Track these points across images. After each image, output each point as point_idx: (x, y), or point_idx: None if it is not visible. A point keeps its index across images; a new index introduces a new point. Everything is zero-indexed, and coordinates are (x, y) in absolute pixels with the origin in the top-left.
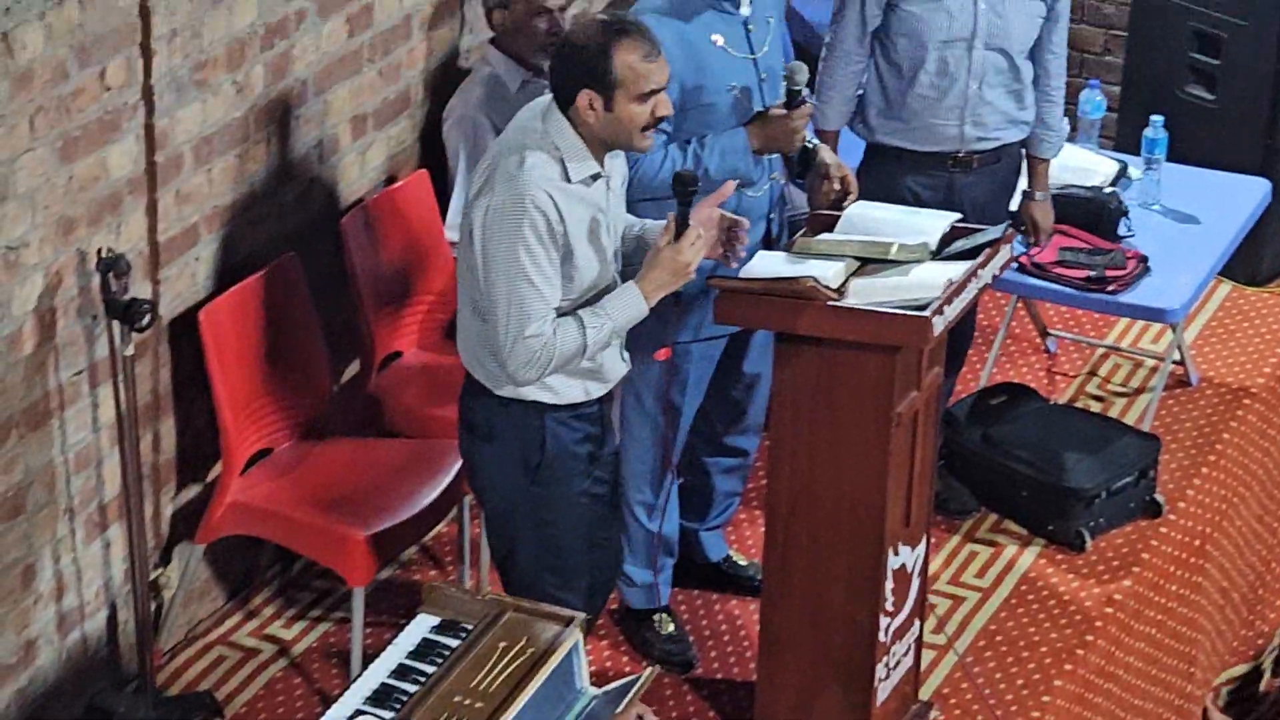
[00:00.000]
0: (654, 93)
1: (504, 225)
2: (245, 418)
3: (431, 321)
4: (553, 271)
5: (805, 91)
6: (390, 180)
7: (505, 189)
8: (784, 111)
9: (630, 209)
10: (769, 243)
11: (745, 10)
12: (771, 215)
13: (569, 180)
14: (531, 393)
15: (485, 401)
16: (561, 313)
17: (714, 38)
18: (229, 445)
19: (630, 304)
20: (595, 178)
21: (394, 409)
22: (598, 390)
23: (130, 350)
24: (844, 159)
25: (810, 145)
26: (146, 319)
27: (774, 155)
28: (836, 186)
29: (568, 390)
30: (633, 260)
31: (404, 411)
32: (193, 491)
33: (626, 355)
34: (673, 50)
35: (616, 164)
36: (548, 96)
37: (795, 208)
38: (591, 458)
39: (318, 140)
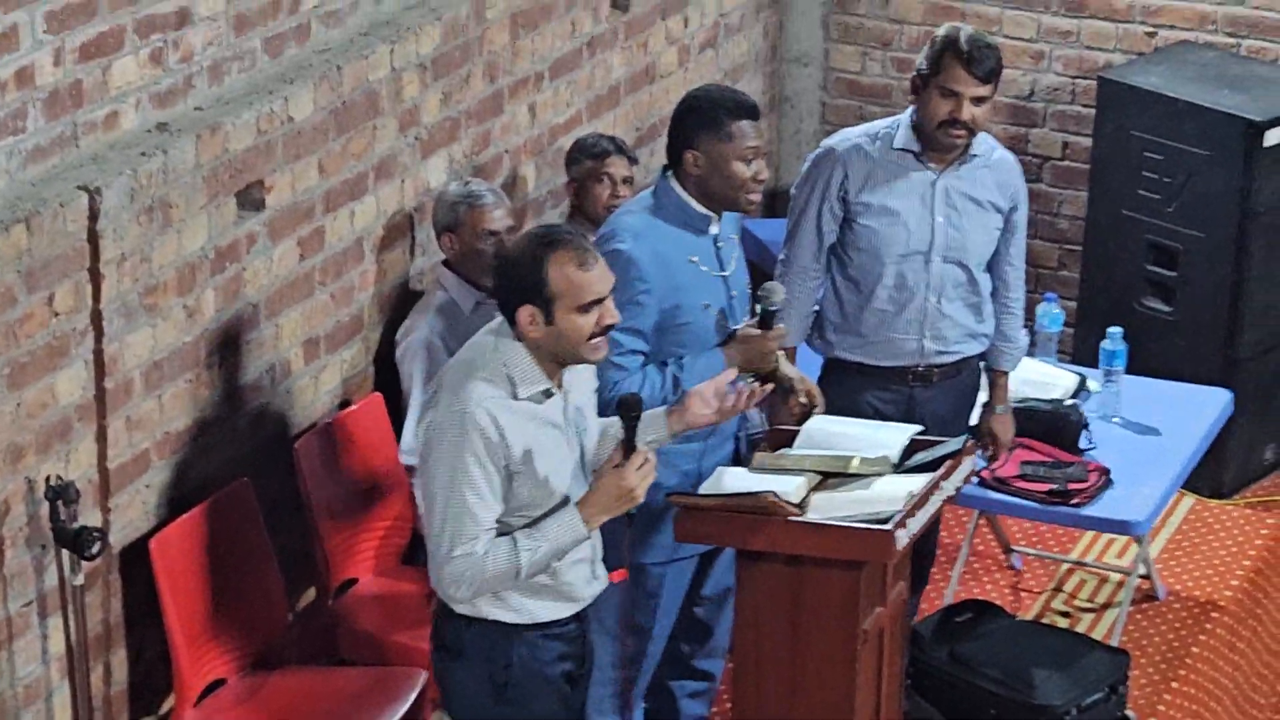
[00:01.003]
0: (596, 302)
1: (444, 443)
2: (198, 648)
3: (388, 547)
4: (489, 491)
5: (780, 311)
6: (344, 404)
7: (447, 406)
8: (758, 331)
9: None
10: (737, 461)
11: (715, 229)
12: (739, 434)
13: (516, 398)
14: (495, 612)
15: (454, 620)
16: (513, 529)
17: (691, 257)
18: (182, 676)
19: (569, 527)
20: (547, 394)
21: (350, 636)
22: (568, 609)
23: (80, 580)
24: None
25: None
26: (96, 548)
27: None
28: (803, 400)
29: (533, 610)
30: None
31: (361, 639)
32: None
33: (602, 572)
34: (652, 271)
35: (579, 377)
36: None
37: (754, 426)
38: (569, 678)
39: (270, 364)
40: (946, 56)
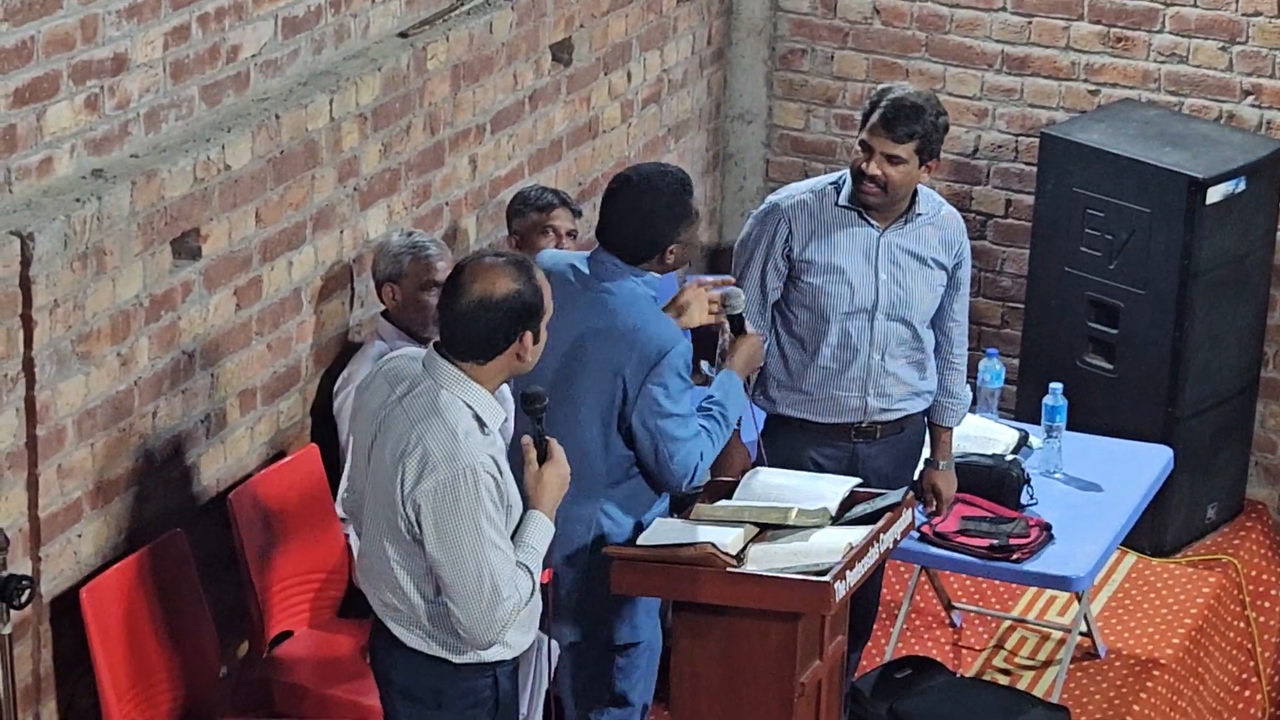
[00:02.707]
0: None
1: (461, 499)
2: (129, 701)
3: (323, 599)
4: (505, 531)
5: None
6: (280, 455)
7: (450, 465)
8: (745, 335)
9: None
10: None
11: None
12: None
13: (486, 432)
14: (494, 652)
15: (435, 670)
16: None
17: None
18: None
19: (544, 529)
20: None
21: (285, 690)
22: (532, 634)
23: (9, 629)
24: (746, 430)
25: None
26: (26, 596)
27: None
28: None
29: (518, 641)
30: None
31: (296, 692)
32: None
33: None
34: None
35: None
36: (413, 364)
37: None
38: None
39: (205, 414)
40: (873, 111)
